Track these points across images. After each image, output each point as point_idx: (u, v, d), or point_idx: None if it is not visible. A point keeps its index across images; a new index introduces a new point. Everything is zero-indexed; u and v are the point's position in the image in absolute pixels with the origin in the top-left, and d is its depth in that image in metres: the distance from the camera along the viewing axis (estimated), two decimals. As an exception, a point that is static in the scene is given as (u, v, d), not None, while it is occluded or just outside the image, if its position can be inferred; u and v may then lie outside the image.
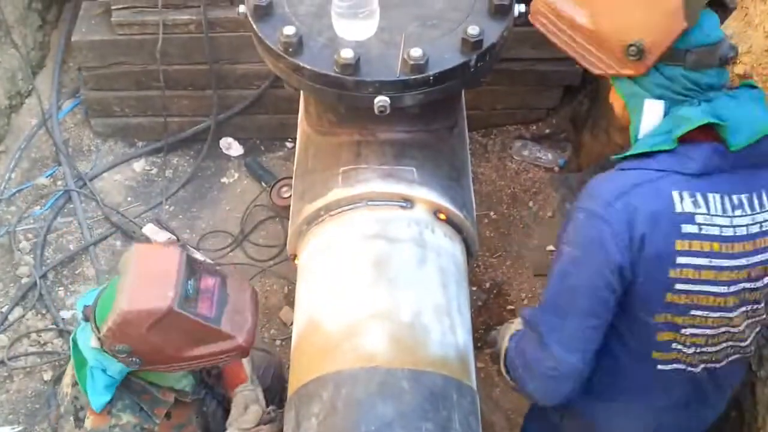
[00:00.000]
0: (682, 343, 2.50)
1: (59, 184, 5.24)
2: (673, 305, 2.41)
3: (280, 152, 5.42)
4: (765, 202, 2.41)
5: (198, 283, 2.78)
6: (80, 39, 4.92)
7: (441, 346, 2.63)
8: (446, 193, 2.97)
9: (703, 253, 2.35)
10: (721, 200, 2.35)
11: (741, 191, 2.38)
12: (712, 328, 2.47)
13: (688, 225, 2.33)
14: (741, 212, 2.37)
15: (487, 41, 2.80)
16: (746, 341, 2.59)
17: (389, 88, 2.73)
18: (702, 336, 2.48)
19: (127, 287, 2.71)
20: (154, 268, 2.75)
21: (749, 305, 2.48)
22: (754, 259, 2.41)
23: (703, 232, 2.33)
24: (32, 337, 4.58)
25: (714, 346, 2.53)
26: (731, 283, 2.40)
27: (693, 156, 2.35)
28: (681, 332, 2.47)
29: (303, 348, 2.76)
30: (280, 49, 2.79)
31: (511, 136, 5.43)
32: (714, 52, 2.33)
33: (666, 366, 2.55)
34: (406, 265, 2.76)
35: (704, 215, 2.33)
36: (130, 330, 2.69)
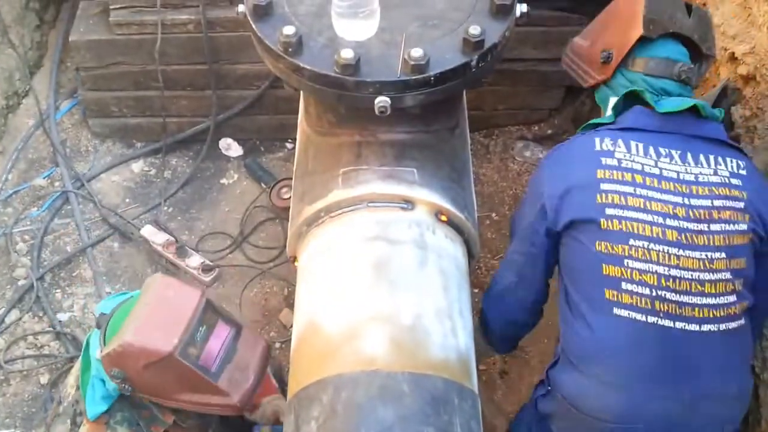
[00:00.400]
0: (631, 279, 2.67)
1: (57, 185, 5.21)
2: (609, 232, 2.69)
3: (280, 153, 5.39)
4: (701, 160, 2.79)
5: (210, 331, 2.77)
6: (78, 39, 4.90)
7: (442, 349, 2.61)
8: (447, 194, 2.96)
9: (625, 182, 2.72)
10: (644, 147, 2.79)
11: (670, 147, 2.80)
12: (660, 265, 2.67)
13: (607, 158, 2.76)
14: (669, 160, 2.77)
15: (488, 41, 2.79)
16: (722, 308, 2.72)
17: (390, 88, 2.72)
18: (652, 273, 2.67)
19: (137, 319, 2.72)
20: (170, 307, 2.75)
21: (703, 251, 2.69)
22: (693, 201, 2.72)
23: (622, 165, 2.74)
24: (29, 340, 4.54)
25: (676, 294, 2.67)
26: (664, 215, 2.69)
27: (622, 119, 2.90)
28: (625, 264, 2.68)
29: (303, 351, 2.74)
30: (279, 49, 2.77)
31: (513, 136, 5.41)
32: (671, 67, 2.88)
33: (623, 311, 2.68)
34: (407, 267, 2.75)
35: (624, 153, 2.77)
36: (127, 361, 2.69)
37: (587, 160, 2.79)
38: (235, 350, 2.84)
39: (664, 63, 2.88)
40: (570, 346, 2.84)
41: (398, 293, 2.68)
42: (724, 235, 2.72)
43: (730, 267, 2.72)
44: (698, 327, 2.69)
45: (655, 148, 2.79)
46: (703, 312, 2.68)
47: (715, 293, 2.70)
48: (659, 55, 2.89)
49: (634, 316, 2.68)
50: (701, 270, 2.68)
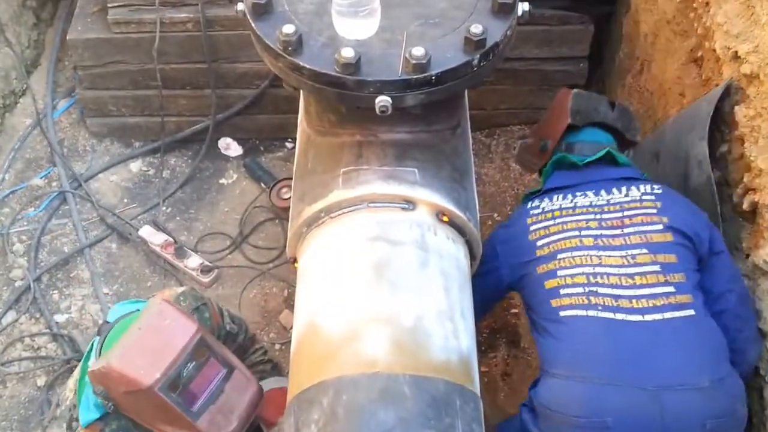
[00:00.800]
0: (566, 285, 3.08)
1: (54, 185, 5.20)
2: (542, 257, 3.18)
3: (279, 153, 5.37)
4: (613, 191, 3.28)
5: (199, 369, 2.74)
6: (76, 37, 4.88)
7: (443, 351, 2.60)
8: (449, 194, 2.94)
9: (546, 219, 3.27)
10: (563, 196, 3.33)
11: (586, 190, 3.32)
12: (586, 266, 3.09)
13: (534, 210, 3.34)
14: (583, 197, 3.29)
15: (490, 40, 2.76)
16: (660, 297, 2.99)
17: (391, 87, 2.69)
18: (581, 274, 3.08)
19: (126, 344, 2.69)
20: (162, 337, 2.72)
21: (622, 250, 3.11)
22: (605, 216, 3.20)
23: (544, 210, 3.31)
24: (26, 342, 4.52)
25: (608, 288, 3.03)
26: (579, 229, 3.18)
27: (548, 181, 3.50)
28: (558, 275, 3.11)
29: (303, 353, 2.71)
30: (279, 48, 2.74)
31: (515, 136, 5.38)
32: (597, 148, 3.44)
33: (567, 311, 3.03)
34: (408, 269, 2.73)
35: (547, 202, 3.34)
36: (110, 383, 2.68)
37: (520, 216, 3.38)
38: (222, 391, 2.80)
39: (591, 146, 3.48)
40: (542, 360, 3.12)
41: (399, 294, 2.66)
42: (640, 234, 3.13)
43: (657, 261, 3.06)
44: (641, 317, 2.96)
45: (572, 194, 3.33)
46: (641, 303, 2.98)
47: (647, 284, 3.02)
48: (586, 139, 3.52)
49: (576, 313, 3.01)
50: (625, 266, 3.07)
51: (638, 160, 4.05)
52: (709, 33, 3.50)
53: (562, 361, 3.02)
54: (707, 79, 3.58)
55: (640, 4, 4.49)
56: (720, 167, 3.38)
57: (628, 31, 4.72)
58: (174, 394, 2.66)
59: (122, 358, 2.64)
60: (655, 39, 4.28)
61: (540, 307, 3.15)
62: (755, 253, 3.14)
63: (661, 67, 4.17)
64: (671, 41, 4.03)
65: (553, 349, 3.07)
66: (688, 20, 3.79)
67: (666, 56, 4.11)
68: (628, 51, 4.74)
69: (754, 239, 3.17)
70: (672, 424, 2.84)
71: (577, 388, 2.93)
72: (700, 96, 3.58)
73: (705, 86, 3.60)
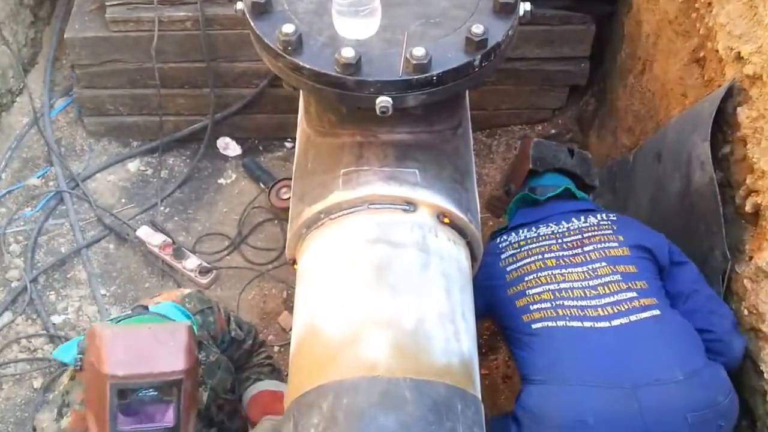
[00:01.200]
0: (534, 301, 3.29)
1: (51, 184, 5.19)
2: (512, 280, 3.42)
3: (279, 152, 5.36)
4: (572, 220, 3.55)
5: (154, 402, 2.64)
6: (73, 36, 4.86)
7: (445, 354, 2.56)
8: (450, 195, 2.90)
9: (514, 248, 3.53)
10: (527, 229, 3.60)
11: (549, 222, 3.58)
12: (551, 284, 3.32)
13: (502, 243, 3.59)
14: (545, 227, 3.56)
15: (491, 40, 2.73)
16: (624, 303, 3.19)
17: (391, 88, 2.65)
18: (546, 291, 3.31)
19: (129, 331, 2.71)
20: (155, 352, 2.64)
21: (582, 266, 3.35)
22: (565, 239, 3.47)
23: (511, 242, 3.58)
24: (22, 343, 4.51)
25: (573, 300, 3.24)
26: (542, 253, 3.44)
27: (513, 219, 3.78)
28: (527, 294, 3.33)
29: (302, 355, 2.67)
30: (278, 47, 2.71)
31: (516, 136, 5.38)
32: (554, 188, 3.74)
33: (538, 324, 3.23)
34: (409, 271, 2.69)
35: (514, 236, 3.60)
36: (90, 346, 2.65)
37: (492, 249, 3.58)
38: None
39: (550, 188, 3.76)
40: (522, 370, 3.26)
41: (400, 297, 2.63)
42: (599, 251, 3.39)
43: (618, 271, 3.30)
44: (608, 323, 3.14)
45: (535, 226, 3.60)
46: (607, 310, 3.18)
47: (609, 293, 3.23)
48: (547, 183, 3.82)
49: (547, 324, 3.21)
50: (587, 279, 3.31)
51: (640, 160, 4.06)
52: (712, 33, 3.48)
53: (539, 368, 3.17)
54: (710, 79, 3.56)
55: (642, 3, 4.47)
56: (722, 168, 3.35)
57: (630, 31, 4.70)
58: (117, 400, 2.60)
59: (113, 338, 2.60)
60: (656, 39, 4.25)
61: (513, 323, 3.34)
62: (758, 255, 3.11)
63: (663, 67, 4.15)
64: (673, 41, 4.00)
65: (529, 359, 3.22)
66: (690, 20, 3.77)
67: (668, 56, 4.08)
68: (629, 51, 4.72)
69: (757, 242, 3.14)
70: (652, 419, 2.94)
71: (556, 391, 3.08)
72: (703, 97, 3.56)
73: (707, 87, 3.58)
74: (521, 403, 3.13)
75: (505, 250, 3.56)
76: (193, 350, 2.72)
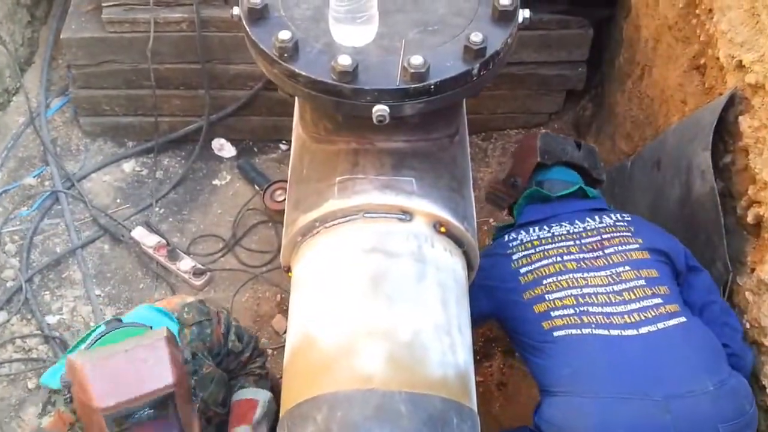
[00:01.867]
0: (556, 307, 3.16)
1: (47, 184, 5.16)
2: (528, 283, 3.26)
3: (273, 154, 5.33)
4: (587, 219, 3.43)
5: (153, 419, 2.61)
6: (70, 36, 4.84)
7: (441, 367, 2.54)
8: (446, 204, 2.88)
9: (527, 249, 3.38)
10: (539, 227, 3.45)
11: (561, 221, 3.45)
12: (573, 288, 3.19)
13: (513, 242, 3.45)
14: (558, 227, 3.43)
15: (490, 49, 2.70)
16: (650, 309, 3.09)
17: (388, 96, 2.63)
18: (569, 296, 3.17)
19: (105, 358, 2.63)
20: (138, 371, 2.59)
21: (605, 269, 3.23)
22: (584, 240, 3.34)
23: (523, 241, 3.42)
24: (17, 343, 4.49)
25: (598, 307, 3.11)
26: (561, 255, 3.30)
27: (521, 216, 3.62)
28: (547, 299, 3.19)
29: (296, 365, 2.66)
30: (274, 54, 2.68)
31: (511, 140, 5.36)
32: (566, 186, 3.60)
33: (560, 331, 3.10)
34: (405, 281, 2.67)
35: (524, 235, 3.45)
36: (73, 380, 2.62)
37: (500, 248, 3.48)
38: None
39: (559, 183, 3.64)
40: (541, 380, 3.16)
41: (396, 308, 2.60)
42: (620, 254, 3.27)
43: (641, 275, 3.19)
44: (636, 331, 3.03)
45: (547, 225, 3.47)
46: (633, 317, 3.07)
47: (635, 298, 3.12)
48: (554, 177, 3.68)
49: (570, 332, 3.08)
50: (611, 283, 3.19)
51: (639, 167, 4.03)
52: (713, 40, 3.45)
53: (562, 378, 3.04)
54: (710, 87, 3.53)
55: (641, 8, 4.44)
56: (723, 178, 3.33)
57: (629, 36, 4.68)
58: (116, 429, 2.58)
59: (93, 370, 2.56)
60: (656, 44, 4.23)
61: (531, 330, 3.21)
62: (760, 268, 3.09)
63: (663, 73, 4.13)
64: (673, 47, 3.98)
65: (549, 368, 3.11)
66: (691, 26, 3.74)
67: (667, 62, 4.06)
68: (628, 56, 4.70)
69: (759, 254, 3.12)
70: (684, 431, 2.87)
71: (584, 404, 2.96)
72: (703, 104, 3.55)
73: (708, 94, 3.56)
74: (543, 416, 3.05)
75: (516, 249, 3.41)
76: (176, 358, 2.69)
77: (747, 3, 3.14)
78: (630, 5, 4.62)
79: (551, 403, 3.05)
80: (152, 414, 2.59)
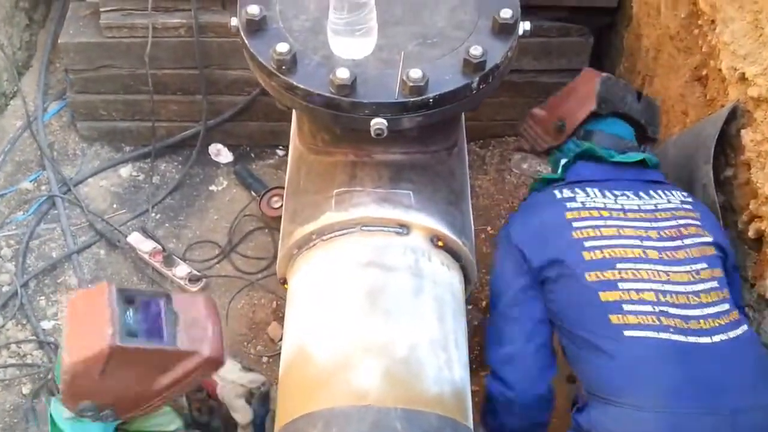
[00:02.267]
0: (632, 300, 2.76)
1: (43, 188, 5.12)
2: (594, 262, 2.83)
3: (270, 160, 5.30)
4: (652, 194, 3.05)
5: (138, 311, 2.60)
6: (68, 41, 4.81)
7: (437, 383, 2.53)
8: (444, 218, 2.87)
9: (593, 218, 2.92)
10: (600, 191, 3.02)
11: (622, 189, 3.05)
12: (653, 282, 2.79)
13: (571, 203, 2.98)
14: (626, 198, 3.01)
15: (490, 62, 2.70)
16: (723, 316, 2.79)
17: (387, 110, 2.62)
18: (649, 291, 2.77)
19: (65, 342, 2.54)
20: (85, 312, 2.56)
21: (687, 264, 2.85)
22: (661, 224, 2.94)
23: (586, 205, 2.96)
24: (12, 349, 4.45)
25: (677, 308, 2.75)
26: (640, 238, 2.88)
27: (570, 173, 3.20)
28: (620, 288, 2.78)
29: (292, 381, 2.65)
30: (272, 66, 2.67)
31: (510, 147, 5.31)
32: (617, 143, 3.23)
33: (633, 331, 2.72)
34: (402, 296, 2.67)
35: (584, 197, 3.00)
36: (83, 383, 2.52)
37: (552, 206, 3.02)
38: (175, 314, 2.65)
39: (611, 138, 3.23)
40: (593, 383, 2.82)
41: (392, 323, 2.60)
42: (698, 247, 2.90)
43: (715, 276, 2.86)
44: (710, 339, 2.72)
45: (609, 190, 3.04)
46: (708, 322, 2.74)
47: (711, 302, 2.80)
48: (608, 130, 3.26)
49: (646, 334, 2.70)
50: (692, 282, 2.81)
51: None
52: (715, 52, 3.43)
53: (625, 388, 2.72)
54: (712, 98, 3.51)
55: (642, 17, 4.43)
56: (724, 192, 3.31)
57: (630, 45, 4.66)
58: (137, 338, 2.54)
59: (71, 351, 2.50)
60: (657, 54, 4.21)
61: (593, 321, 2.82)
62: (761, 283, 3.08)
63: (664, 83, 4.11)
64: (674, 57, 3.96)
65: (616, 374, 2.75)
66: (692, 37, 3.72)
67: (669, 72, 4.04)
68: (628, 65, 4.68)
69: (760, 269, 3.11)
70: None
71: (652, 420, 2.66)
72: (704, 115, 3.52)
73: (709, 106, 3.54)
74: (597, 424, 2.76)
75: (579, 215, 2.95)
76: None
77: (750, 15, 3.12)
78: (631, 14, 4.61)
79: (607, 412, 2.74)
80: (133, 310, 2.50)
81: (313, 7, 2.88)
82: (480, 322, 4.39)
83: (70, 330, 2.52)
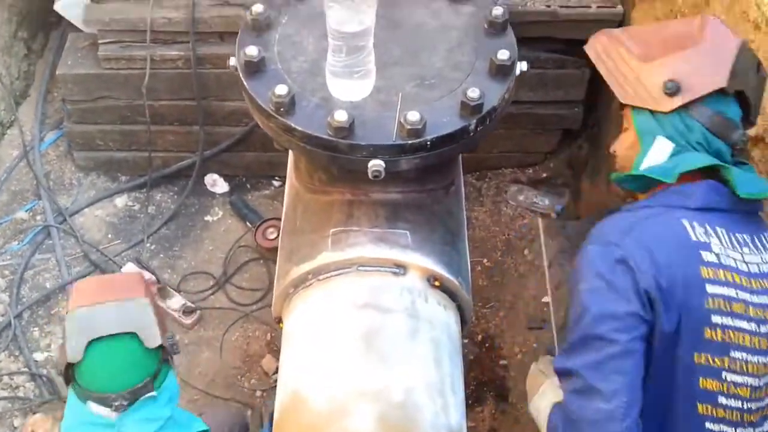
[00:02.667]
0: (726, 394, 2.32)
1: (38, 218, 5.11)
2: (711, 343, 2.29)
3: (266, 191, 5.30)
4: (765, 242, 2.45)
5: None
6: (66, 72, 4.81)
7: (433, 428, 2.53)
8: (441, 258, 2.87)
9: (728, 283, 2.31)
10: (727, 234, 2.38)
11: (742, 231, 2.42)
12: (754, 377, 2.34)
13: (707, 252, 2.32)
14: (748, 250, 2.40)
15: (487, 104, 2.70)
16: None
17: (384, 152, 2.63)
18: (745, 386, 2.33)
19: None
20: None
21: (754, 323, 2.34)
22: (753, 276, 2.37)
23: (721, 261, 2.33)
24: (4, 380, 4.43)
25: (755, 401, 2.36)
26: (758, 322, 2.33)
27: (692, 192, 2.42)
28: (723, 378, 2.31)
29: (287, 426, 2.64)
30: (271, 108, 2.67)
31: (506, 179, 5.31)
32: (732, 130, 2.46)
33: (714, 425, 2.34)
34: (398, 338, 2.67)
35: (718, 245, 2.34)
36: None
37: (685, 250, 2.33)
38: None
39: (727, 124, 2.46)
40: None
41: (388, 367, 2.60)
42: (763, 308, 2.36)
43: None
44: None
45: (733, 234, 2.41)
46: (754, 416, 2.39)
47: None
48: (726, 114, 2.47)
49: (725, 430, 2.35)
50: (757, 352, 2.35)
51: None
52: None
53: None
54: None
55: (639, 51, 4.41)
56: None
57: (626, 78, 4.63)
58: None
59: None
60: (653, 88, 4.19)
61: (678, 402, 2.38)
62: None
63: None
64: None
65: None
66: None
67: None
68: (625, 98, 4.66)
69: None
70: None
71: None
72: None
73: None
74: None
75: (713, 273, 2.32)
76: None
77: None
78: (628, 48, 4.59)
79: None
80: None
81: (312, 48, 2.89)
82: (475, 357, 4.39)
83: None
